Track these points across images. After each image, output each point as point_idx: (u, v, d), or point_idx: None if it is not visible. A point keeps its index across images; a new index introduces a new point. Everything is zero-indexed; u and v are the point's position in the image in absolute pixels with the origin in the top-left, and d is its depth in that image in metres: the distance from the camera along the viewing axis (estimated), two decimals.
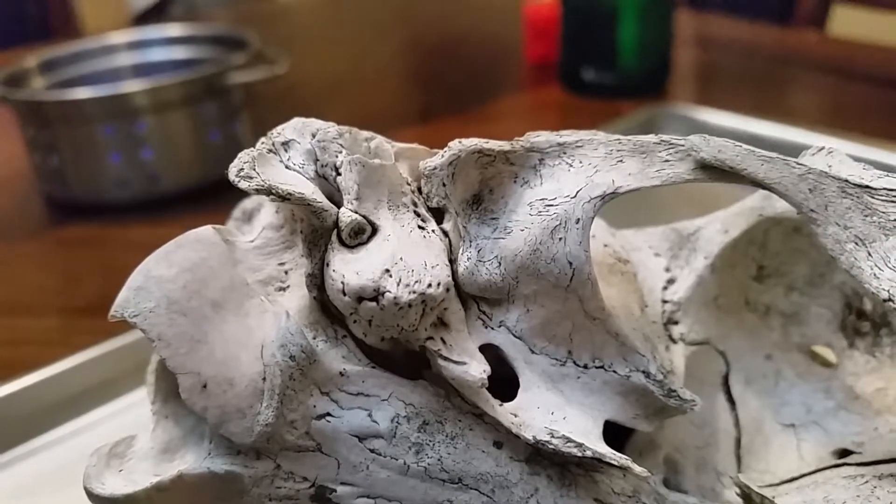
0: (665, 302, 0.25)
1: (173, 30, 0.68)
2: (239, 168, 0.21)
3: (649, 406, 0.22)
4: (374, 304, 0.20)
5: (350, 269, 0.20)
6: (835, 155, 0.23)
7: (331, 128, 0.23)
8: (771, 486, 0.25)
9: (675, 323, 0.25)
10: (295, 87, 0.73)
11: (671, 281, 0.26)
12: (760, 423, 0.26)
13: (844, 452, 0.26)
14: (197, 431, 0.22)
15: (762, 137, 0.59)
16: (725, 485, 0.24)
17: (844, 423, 0.27)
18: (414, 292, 0.20)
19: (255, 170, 0.21)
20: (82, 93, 0.55)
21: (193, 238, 0.22)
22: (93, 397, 0.37)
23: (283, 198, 0.20)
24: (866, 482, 0.24)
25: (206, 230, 0.22)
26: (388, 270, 0.20)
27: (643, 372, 0.22)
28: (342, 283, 0.20)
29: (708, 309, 0.26)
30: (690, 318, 0.25)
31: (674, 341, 0.25)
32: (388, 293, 0.20)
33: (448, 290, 0.21)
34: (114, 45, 0.66)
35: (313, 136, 0.22)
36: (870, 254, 0.20)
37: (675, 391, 0.22)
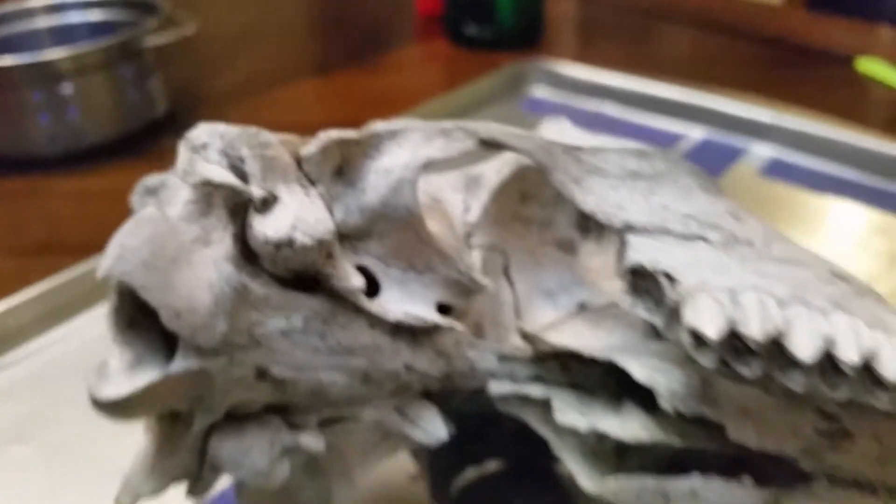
0: (465, 223, 0.38)
1: None
2: (183, 168, 0.31)
3: (461, 290, 0.35)
4: (289, 248, 0.31)
5: (269, 227, 0.31)
6: (563, 125, 0.36)
7: (231, 129, 0.33)
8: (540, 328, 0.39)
9: (472, 236, 0.38)
10: (200, 44, 0.78)
11: (467, 209, 0.39)
12: (529, 293, 0.40)
13: (583, 306, 0.41)
14: (149, 352, 0.32)
15: (617, 89, 0.72)
16: (511, 334, 0.38)
17: (582, 288, 0.41)
18: (314, 238, 0.31)
19: (193, 167, 0.31)
20: (10, 60, 0.62)
21: (147, 217, 0.31)
22: (46, 323, 0.45)
23: (216, 186, 0.31)
24: (595, 319, 0.38)
25: (153, 210, 0.32)
26: (294, 226, 0.31)
27: (456, 269, 0.34)
28: (264, 236, 0.31)
29: (491, 225, 0.39)
30: (481, 231, 0.39)
31: (471, 248, 0.38)
32: (297, 241, 0.31)
33: (333, 234, 0.32)
34: (31, 9, 0.70)
35: (221, 137, 0.32)
36: (581, 187, 0.34)
37: (475, 279, 0.35)
